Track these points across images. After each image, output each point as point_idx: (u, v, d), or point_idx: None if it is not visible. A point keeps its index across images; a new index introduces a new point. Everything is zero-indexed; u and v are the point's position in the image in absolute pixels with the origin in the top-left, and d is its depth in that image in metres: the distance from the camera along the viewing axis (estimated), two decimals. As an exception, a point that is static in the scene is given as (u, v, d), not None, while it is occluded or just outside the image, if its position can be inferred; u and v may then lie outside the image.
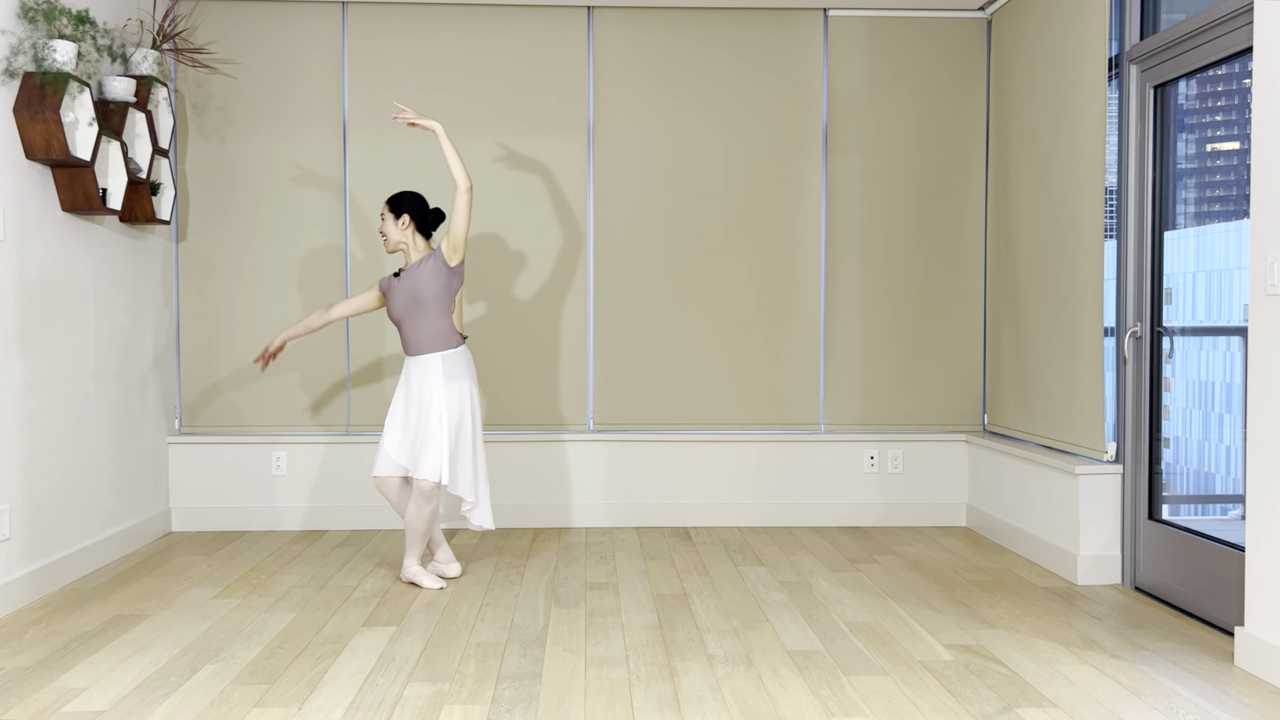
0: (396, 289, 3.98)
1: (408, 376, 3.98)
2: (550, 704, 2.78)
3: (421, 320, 3.92)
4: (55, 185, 3.98)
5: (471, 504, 3.98)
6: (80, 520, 4.17)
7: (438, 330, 3.92)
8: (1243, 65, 3.64)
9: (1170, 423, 3.92)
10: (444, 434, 3.85)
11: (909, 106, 5.20)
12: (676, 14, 5.14)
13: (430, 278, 3.90)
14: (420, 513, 3.92)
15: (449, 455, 3.87)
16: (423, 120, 3.92)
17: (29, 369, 3.81)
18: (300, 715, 2.70)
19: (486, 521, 4.01)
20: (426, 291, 3.89)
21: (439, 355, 3.92)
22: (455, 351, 3.95)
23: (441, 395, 3.87)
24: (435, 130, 3.90)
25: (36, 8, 3.67)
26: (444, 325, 3.93)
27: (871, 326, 5.23)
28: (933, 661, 3.13)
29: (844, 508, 5.20)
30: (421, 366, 3.93)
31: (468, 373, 3.96)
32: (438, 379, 3.89)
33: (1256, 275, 3.06)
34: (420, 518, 3.93)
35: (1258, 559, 3.06)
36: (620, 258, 5.16)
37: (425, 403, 3.90)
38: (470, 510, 4.00)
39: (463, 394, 3.91)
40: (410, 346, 3.96)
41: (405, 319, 3.95)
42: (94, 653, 3.19)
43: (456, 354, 3.95)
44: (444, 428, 3.86)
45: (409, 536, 3.97)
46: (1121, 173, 4.04)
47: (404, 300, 3.93)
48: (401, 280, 3.96)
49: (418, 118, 3.92)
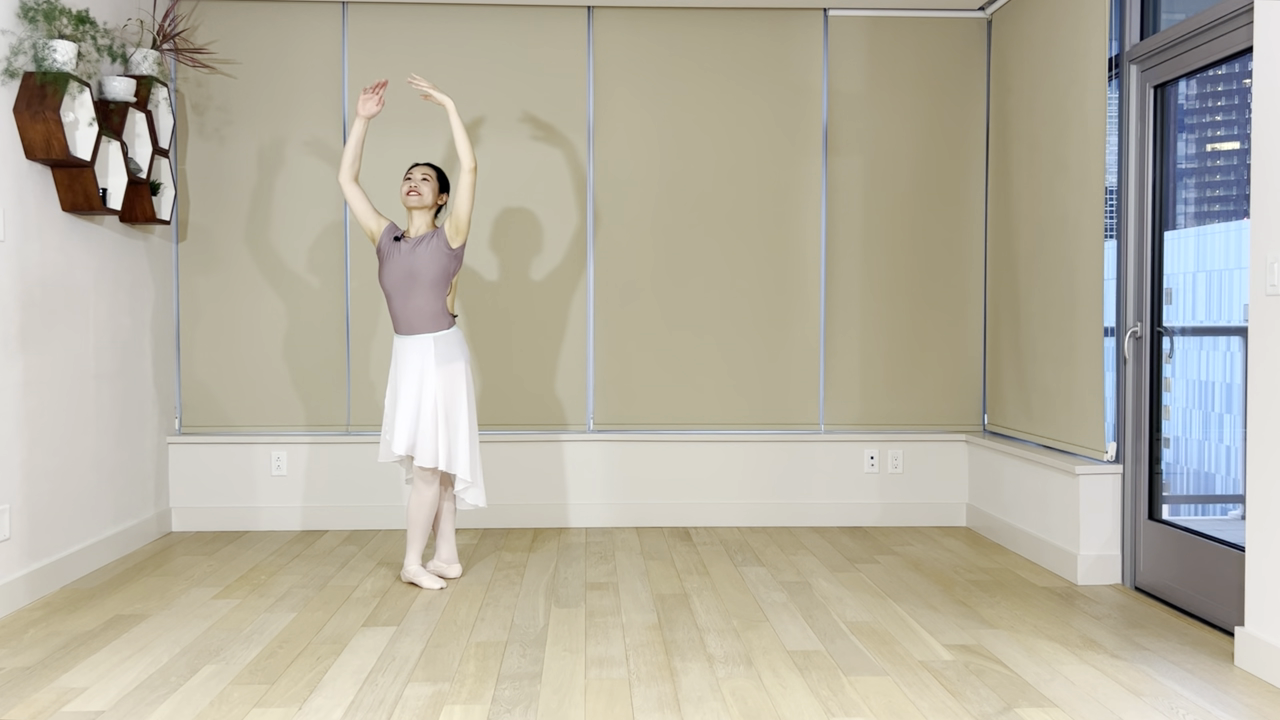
0: (394, 256, 3.91)
1: (397, 359, 3.94)
2: (550, 704, 2.78)
3: (414, 298, 3.89)
4: (55, 185, 3.98)
5: (467, 483, 3.99)
6: (80, 520, 4.17)
7: (430, 310, 3.89)
8: (1243, 65, 3.64)
9: (1170, 423, 3.92)
10: (439, 418, 3.86)
11: (909, 106, 5.20)
12: (676, 14, 5.14)
13: (431, 258, 3.88)
14: (420, 499, 3.93)
15: (445, 439, 3.87)
16: (436, 93, 3.93)
17: (29, 369, 3.81)
18: (300, 715, 2.70)
19: (480, 500, 4.02)
20: (425, 272, 3.87)
21: (431, 336, 3.90)
22: (448, 333, 3.94)
23: (434, 378, 3.87)
24: (447, 105, 3.91)
25: (36, 8, 3.67)
26: (437, 305, 3.90)
27: (871, 326, 5.23)
28: (933, 661, 3.13)
29: (844, 508, 5.20)
30: (413, 348, 3.90)
31: (461, 354, 3.95)
32: (430, 362, 3.88)
33: (1256, 275, 3.06)
34: (420, 505, 3.94)
35: (1258, 559, 3.06)
36: (620, 257, 5.16)
37: (420, 386, 3.89)
38: (466, 490, 4.00)
39: (457, 375, 3.91)
40: (401, 324, 3.92)
41: (397, 293, 3.91)
42: (94, 653, 3.19)
43: (449, 335, 3.94)
44: (439, 412, 3.86)
45: (410, 529, 3.97)
46: (1121, 173, 4.04)
47: (400, 274, 3.89)
48: (402, 250, 3.91)
49: (432, 89, 3.94)
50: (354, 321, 5.10)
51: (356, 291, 5.08)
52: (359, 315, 5.09)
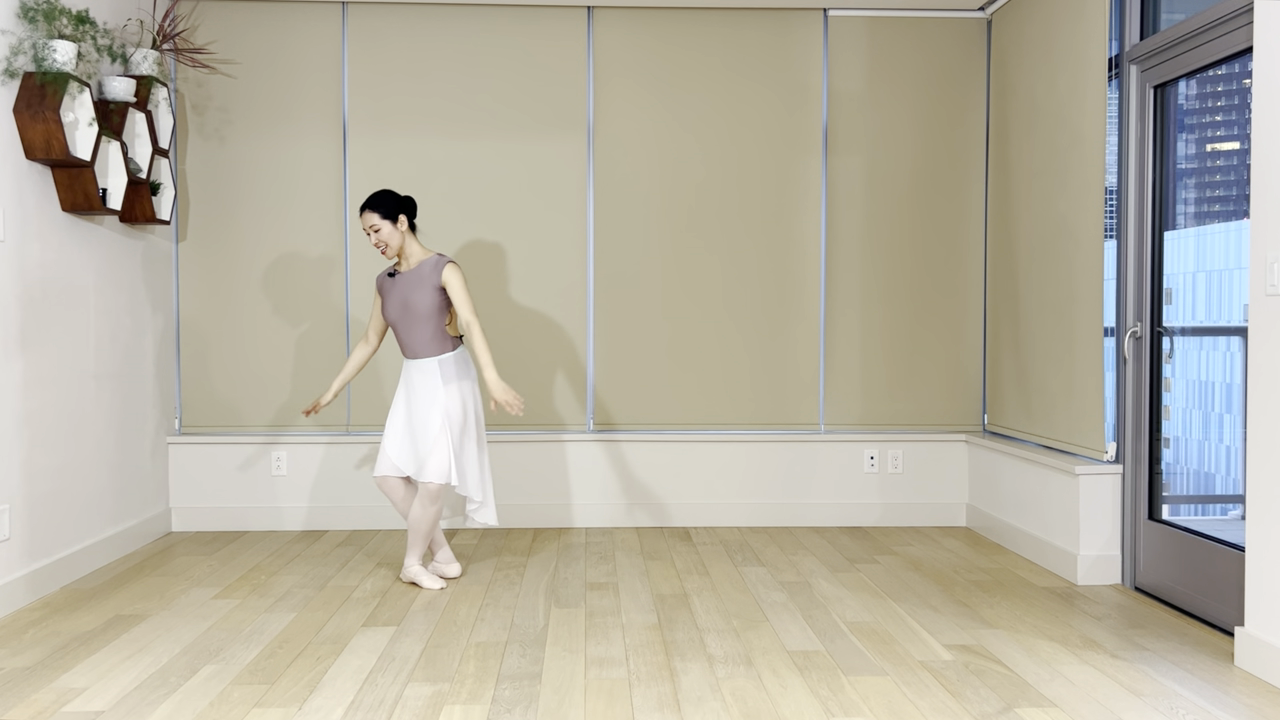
0: (391, 290, 4.01)
1: (407, 379, 4.02)
2: (550, 704, 2.78)
3: (415, 328, 3.96)
4: (55, 185, 3.98)
5: (479, 503, 4.03)
6: (80, 520, 4.17)
7: (432, 337, 3.96)
8: (1243, 65, 3.64)
9: (1170, 423, 3.92)
10: (447, 436, 3.88)
11: (909, 106, 5.20)
12: (676, 14, 5.14)
13: (422, 295, 3.94)
14: (425, 513, 3.95)
15: (454, 457, 3.89)
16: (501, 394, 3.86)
17: (29, 368, 3.81)
18: (300, 715, 2.70)
19: (491, 519, 4.06)
20: (419, 306, 3.94)
21: (436, 360, 3.96)
22: (452, 355, 3.98)
23: (442, 399, 3.91)
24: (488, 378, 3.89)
25: (36, 8, 3.67)
26: (438, 332, 3.97)
27: (871, 326, 5.23)
28: (933, 661, 3.13)
29: (844, 508, 5.20)
30: (420, 370, 3.97)
31: (466, 374, 4.00)
32: (437, 383, 3.93)
33: (1256, 275, 3.06)
34: (424, 518, 3.96)
35: (1258, 559, 3.06)
36: (620, 258, 5.16)
37: (427, 406, 3.93)
38: (476, 510, 4.05)
39: (464, 395, 3.95)
40: (407, 350, 4.01)
41: (399, 324, 3.99)
42: (94, 653, 3.19)
43: (453, 357, 3.98)
44: (446, 430, 3.88)
45: (411, 536, 3.98)
46: (1121, 173, 4.04)
47: (398, 306, 3.97)
48: (396, 283, 3.99)
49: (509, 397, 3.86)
50: (354, 322, 5.10)
51: (356, 292, 5.08)
52: (359, 315, 5.09)
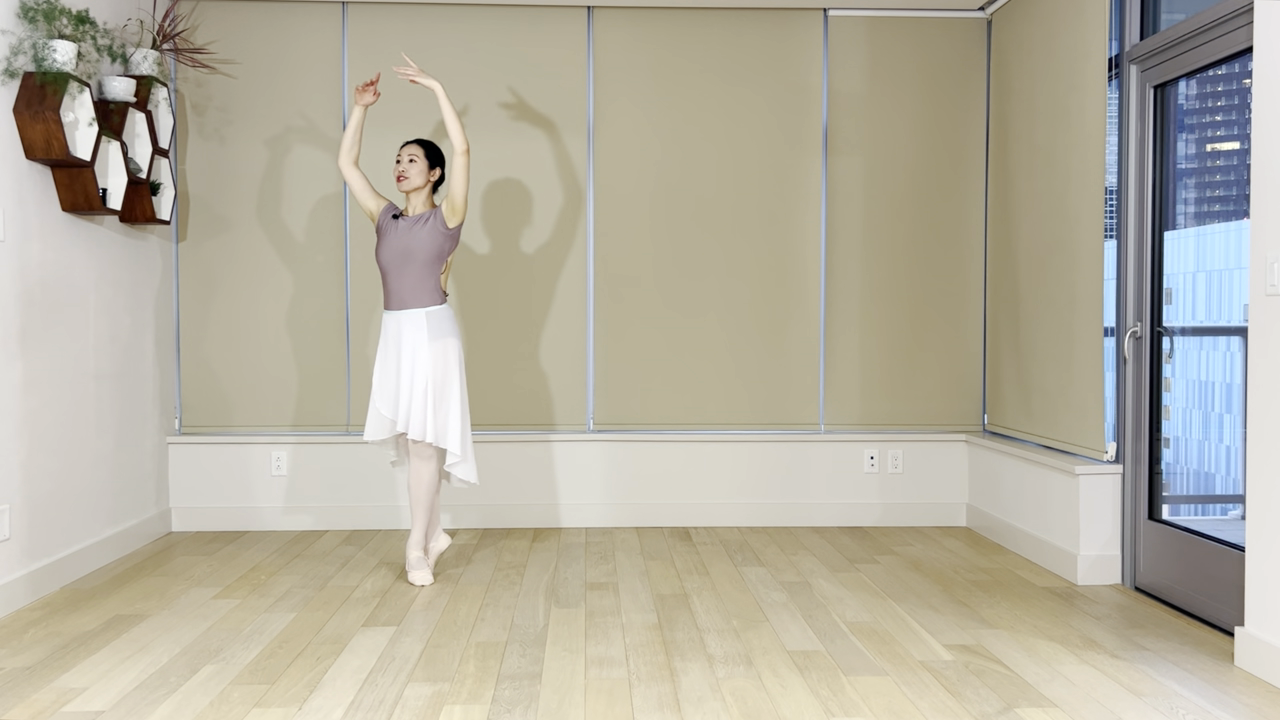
0: (392, 233, 3.98)
1: (391, 333, 3.98)
2: (550, 704, 2.78)
3: (409, 275, 3.94)
4: (55, 185, 3.98)
5: (458, 458, 4.00)
6: (80, 520, 4.17)
7: (424, 286, 3.94)
8: (1243, 65, 3.64)
9: (1170, 423, 3.92)
10: (430, 392, 3.89)
11: (909, 106, 5.20)
12: (676, 14, 5.14)
13: (427, 237, 3.93)
14: (419, 477, 3.99)
15: (435, 413, 3.90)
16: (423, 78, 3.96)
17: (29, 368, 3.81)
18: (300, 715, 2.70)
19: (471, 476, 4.05)
20: (421, 251, 3.92)
21: (424, 311, 3.94)
22: (440, 308, 3.98)
23: (426, 354, 3.91)
24: (435, 89, 3.93)
25: (36, 8, 3.67)
26: (431, 282, 3.96)
27: (871, 326, 5.23)
28: (933, 661, 3.13)
29: (844, 508, 5.20)
30: (405, 322, 3.94)
31: (452, 330, 3.99)
32: (423, 337, 3.92)
33: (1256, 275, 3.06)
34: (420, 482, 4.00)
35: (1258, 559, 3.06)
36: (620, 257, 5.16)
37: (412, 361, 3.92)
38: (455, 465, 4.03)
39: (448, 350, 3.95)
40: (394, 299, 3.97)
41: (392, 269, 3.96)
42: (94, 653, 3.19)
43: (441, 310, 3.98)
44: (430, 386, 3.89)
45: (413, 507, 4.04)
46: (1121, 173, 4.04)
47: (396, 251, 3.95)
48: (400, 228, 3.97)
49: (419, 75, 3.97)
50: (354, 321, 5.10)
51: (356, 292, 5.08)
52: (359, 315, 5.09)
